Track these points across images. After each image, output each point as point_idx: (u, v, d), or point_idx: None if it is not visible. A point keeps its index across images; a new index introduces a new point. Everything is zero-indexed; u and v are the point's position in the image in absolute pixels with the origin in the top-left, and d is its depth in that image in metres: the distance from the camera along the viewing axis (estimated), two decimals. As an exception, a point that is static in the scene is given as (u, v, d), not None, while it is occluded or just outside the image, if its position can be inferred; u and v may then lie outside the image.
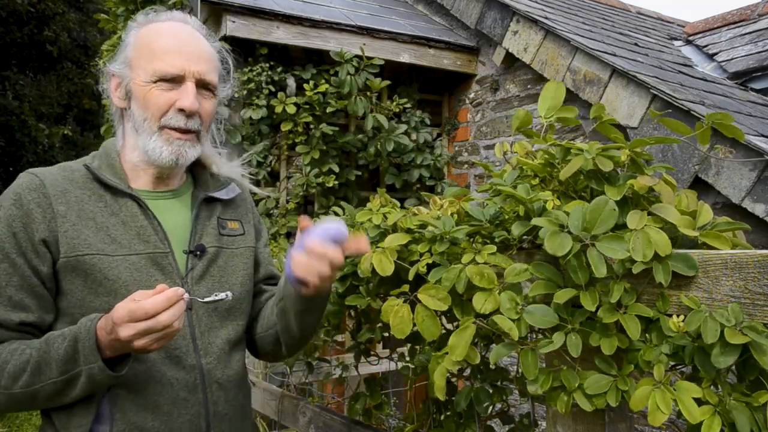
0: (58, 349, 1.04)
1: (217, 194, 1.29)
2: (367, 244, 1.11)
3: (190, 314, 1.18)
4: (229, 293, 1.10)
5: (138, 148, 1.20)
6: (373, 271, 1.21)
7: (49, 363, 1.04)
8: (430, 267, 1.18)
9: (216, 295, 1.10)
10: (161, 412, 1.12)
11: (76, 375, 1.03)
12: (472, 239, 1.20)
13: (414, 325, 1.15)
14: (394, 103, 3.41)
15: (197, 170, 1.33)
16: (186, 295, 1.01)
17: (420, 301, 1.14)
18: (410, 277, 1.18)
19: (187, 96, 1.16)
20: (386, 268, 1.19)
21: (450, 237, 1.16)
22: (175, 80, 1.16)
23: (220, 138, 1.39)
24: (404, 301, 1.17)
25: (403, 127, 3.40)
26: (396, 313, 1.16)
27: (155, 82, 1.15)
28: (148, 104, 1.16)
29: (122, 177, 1.20)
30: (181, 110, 1.16)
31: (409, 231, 1.26)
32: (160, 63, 1.15)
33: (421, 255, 1.20)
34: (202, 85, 1.19)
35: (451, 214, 1.21)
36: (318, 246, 1.06)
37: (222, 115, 1.38)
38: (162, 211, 1.21)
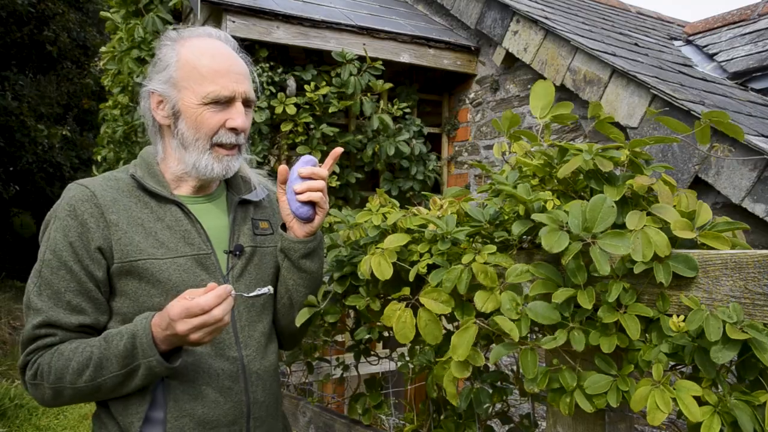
0: (117, 345, 1.14)
1: (249, 197, 1.39)
2: (339, 150, 1.29)
3: (232, 310, 1.27)
4: (270, 287, 1.23)
5: (184, 162, 1.29)
6: (372, 273, 1.21)
7: (109, 358, 1.15)
8: (430, 268, 1.18)
9: (259, 290, 1.21)
10: (209, 400, 1.23)
11: (136, 368, 1.15)
12: (471, 240, 1.19)
13: (416, 329, 1.15)
14: (395, 107, 3.41)
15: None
16: (233, 291, 1.12)
17: (422, 305, 1.14)
18: (411, 278, 1.18)
19: (239, 116, 1.26)
20: (385, 272, 1.19)
21: (452, 237, 1.16)
22: (225, 101, 1.25)
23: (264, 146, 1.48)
24: (406, 305, 1.17)
25: (407, 134, 3.41)
26: (399, 319, 1.16)
27: (207, 104, 1.24)
28: (200, 125, 1.25)
29: (165, 185, 1.30)
30: (233, 129, 1.26)
31: (409, 231, 1.26)
32: (212, 86, 1.23)
33: (421, 255, 1.20)
34: (246, 103, 1.30)
35: (451, 215, 1.21)
36: (307, 170, 1.25)
37: None
38: (202, 215, 1.31)
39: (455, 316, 1.16)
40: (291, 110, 3.09)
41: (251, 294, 1.21)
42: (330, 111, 3.17)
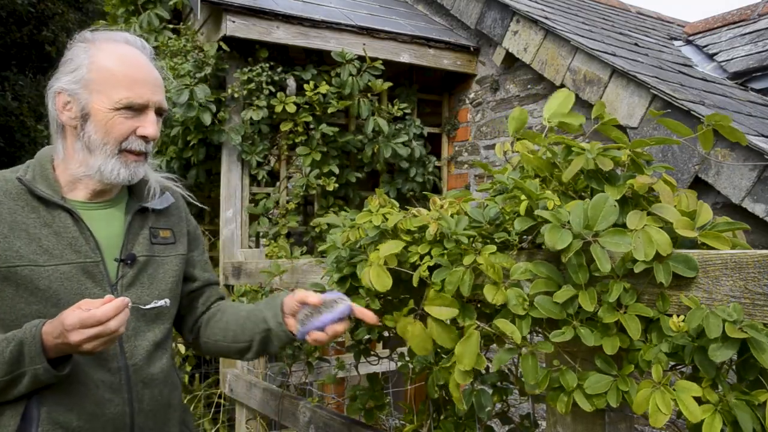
0: (3, 352, 1.10)
1: (150, 204, 1.36)
2: (372, 316, 1.24)
3: None
4: (167, 300, 1.25)
5: (87, 165, 1.25)
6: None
7: None
8: (431, 270, 1.18)
9: (155, 303, 1.24)
10: (85, 412, 1.19)
11: (20, 375, 1.11)
12: (472, 240, 1.19)
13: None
14: (395, 107, 3.41)
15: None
16: (131, 303, 1.10)
17: (429, 315, 1.14)
18: (414, 283, 1.18)
19: (151, 125, 1.25)
20: (385, 283, 1.18)
21: (456, 237, 1.15)
22: (138, 108, 1.24)
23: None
24: (414, 317, 1.17)
25: (404, 137, 3.41)
26: (412, 333, 1.17)
27: (119, 109, 1.22)
28: (110, 130, 1.23)
29: (56, 189, 1.25)
30: (144, 137, 1.25)
31: (409, 232, 1.25)
32: (127, 92, 1.22)
33: (422, 258, 1.20)
34: (158, 112, 1.29)
35: (452, 215, 1.21)
36: (331, 330, 1.22)
37: None
38: (95, 221, 1.27)
39: (457, 319, 1.16)
40: (291, 108, 3.08)
41: (148, 306, 1.22)
42: (329, 111, 3.17)
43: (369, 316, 1.23)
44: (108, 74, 1.23)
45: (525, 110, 1.31)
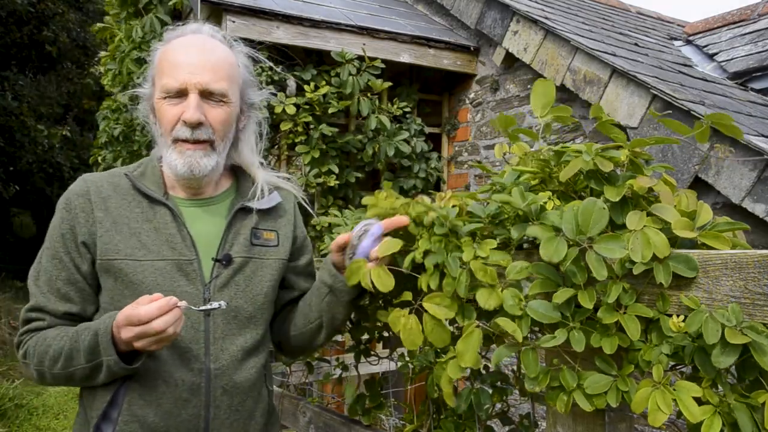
0: (84, 340, 1.15)
1: (253, 204, 1.32)
2: (405, 220, 1.19)
3: (207, 320, 1.24)
4: (222, 303, 1.17)
5: (165, 161, 1.27)
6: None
7: (78, 351, 1.16)
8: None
9: (211, 304, 1.17)
10: (162, 409, 1.20)
11: (99, 364, 1.15)
12: (473, 238, 1.19)
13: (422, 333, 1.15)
14: (395, 106, 3.41)
15: (240, 177, 1.37)
16: (182, 303, 1.09)
17: (426, 311, 1.14)
18: (405, 264, 1.17)
19: (189, 108, 1.20)
20: (387, 284, 1.17)
21: (450, 224, 1.15)
22: (181, 94, 1.21)
23: (263, 145, 1.42)
24: (409, 311, 1.17)
25: (405, 134, 3.40)
26: (404, 326, 1.16)
27: (164, 98, 1.22)
28: (162, 119, 1.23)
29: (160, 185, 1.28)
30: (185, 122, 1.20)
31: (414, 222, 1.24)
32: (166, 78, 1.21)
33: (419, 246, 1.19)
34: (208, 95, 1.22)
35: (453, 207, 1.20)
36: (374, 254, 1.18)
37: (257, 119, 1.41)
38: (196, 220, 1.28)
39: (456, 319, 1.15)
40: (290, 110, 3.09)
41: (201, 308, 1.17)
42: (330, 112, 3.17)
43: (402, 221, 1.19)
44: (160, 66, 1.24)
45: (510, 116, 1.30)
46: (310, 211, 1.55)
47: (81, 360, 1.16)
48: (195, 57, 1.22)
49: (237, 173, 1.38)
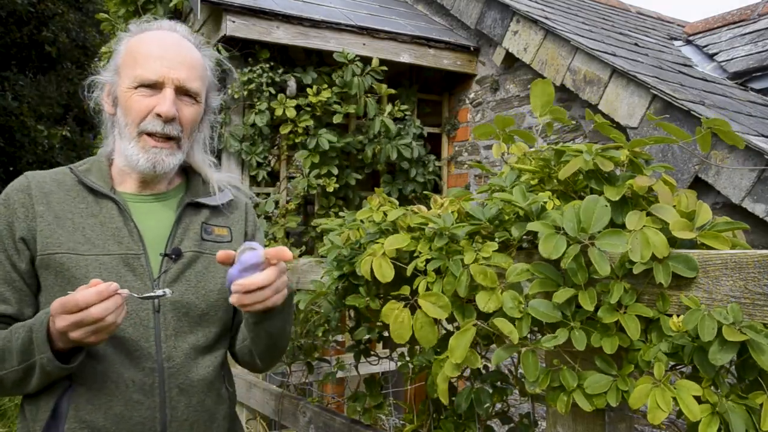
0: (17, 339, 1.08)
1: (204, 200, 1.30)
2: (288, 252, 1.06)
3: (157, 317, 1.18)
4: (166, 290, 1.09)
5: (121, 153, 1.23)
6: (372, 273, 1.21)
7: (11, 352, 1.08)
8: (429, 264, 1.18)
9: (154, 292, 1.10)
10: (112, 413, 1.13)
11: (32, 365, 1.07)
12: (472, 239, 1.19)
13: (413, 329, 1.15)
14: (396, 108, 3.41)
15: (191, 176, 1.35)
16: (125, 291, 1.02)
17: (420, 308, 1.14)
18: (408, 273, 1.18)
19: (165, 101, 1.18)
20: (386, 274, 1.18)
21: (449, 233, 1.16)
22: (155, 86, 1.19)
23: (216, 146, 1.40)
24: (405, 305, 1.17)
25: (408, 138, 3.41)
26: (396, 318, 1.16)
27: (136, 88, 1.19)
28: (129, 110, 1.19)
29: (107, 180, 1.24)
30: (158, 115, 1.18)
31: (410, 229, 1.25)
32: (140, 69, 1.18)
33: (422, 254, 1.20)
34: (183, 92, 1.22)
35: (452, 213, 1.21)
36: (238, 286, 1.05)
37: (215, 122, 1.40)
38: (143, 214, 1.24)
39: (455, 317, 1.16)
40: (291, 113, 3.09)
41: (144, 295, 1.09)
42: (335, 119, 3.19)
43: (286, 256, 1.06)
44: (130, 56, 1.21)
45: (509, 116, 1.31)
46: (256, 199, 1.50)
47: (13, 362, 1.08)
48: (173, 52, 1.21)
49: (188, 172, 1.35)
